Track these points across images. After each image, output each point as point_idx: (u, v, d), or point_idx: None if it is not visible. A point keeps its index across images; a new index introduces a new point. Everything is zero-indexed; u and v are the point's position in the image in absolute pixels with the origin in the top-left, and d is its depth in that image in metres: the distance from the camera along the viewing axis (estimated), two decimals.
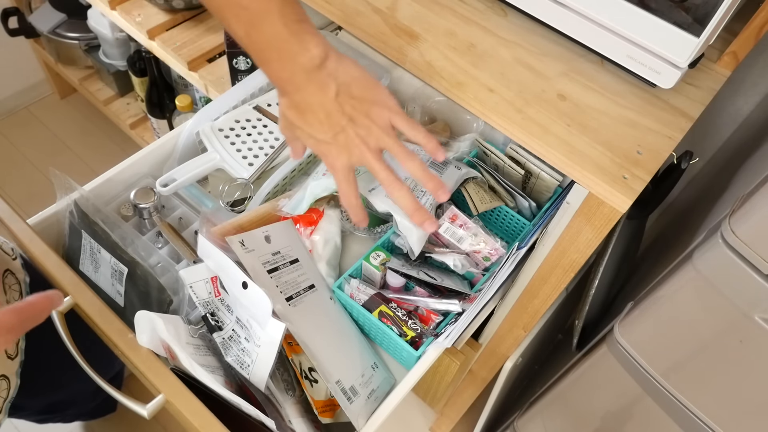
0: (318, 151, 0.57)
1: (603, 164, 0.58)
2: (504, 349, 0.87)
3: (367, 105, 0.54)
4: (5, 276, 0.70)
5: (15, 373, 0.71)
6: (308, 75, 0.52)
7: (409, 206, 0.56)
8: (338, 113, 0.54)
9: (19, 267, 0.74)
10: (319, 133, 0.55)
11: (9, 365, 0.69)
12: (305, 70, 0.52)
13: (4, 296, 0.69)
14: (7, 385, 0.69)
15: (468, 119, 0.87)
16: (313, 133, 0.55)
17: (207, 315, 0.64)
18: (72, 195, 0.70)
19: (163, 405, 0.57)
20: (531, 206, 0.78)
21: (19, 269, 0.74)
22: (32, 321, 0.47)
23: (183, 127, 0.81)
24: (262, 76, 0.86)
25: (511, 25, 0.71)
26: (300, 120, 0.55)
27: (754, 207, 0.46)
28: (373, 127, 0.54)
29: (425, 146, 0.57)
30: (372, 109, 0.54)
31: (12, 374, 0.70)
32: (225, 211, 0.76)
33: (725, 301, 0.50)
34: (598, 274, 0.72)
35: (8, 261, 0.73)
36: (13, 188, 1.64)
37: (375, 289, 0.71)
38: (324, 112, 0.54)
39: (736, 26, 0.65)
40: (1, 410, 0.68)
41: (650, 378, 0.61)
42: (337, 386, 0.63)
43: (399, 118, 0.55)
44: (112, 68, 1.53)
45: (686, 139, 0.62)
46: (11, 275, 0.72)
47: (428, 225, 0.57)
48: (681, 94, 0.66)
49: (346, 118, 0.54)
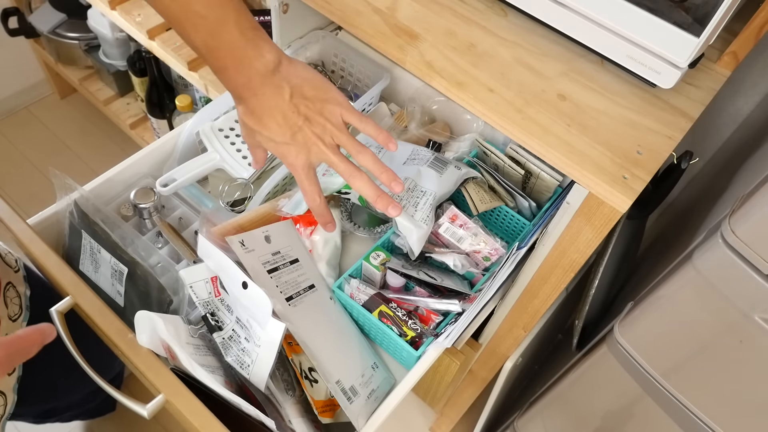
0: (278, 153, 0.58)
1: (603, 164, 0.58)
2: (504, 349, 0.87)
3: (320, 104, 0.57)
4: (7, 289, 0.70)
5: (12, 388, 0.70)
6: (263, 79, 0.55)
7: (371, 194, 0.58)
8: (294, 114, 0.56)
9: (20, 279, 0.74)
10: (277, 135, 0.57)
11: (6, 381, 0.69)
12: (260, 75, 0.55)
13: (6, 309, 0.68)
14: (4, 401, 0.68)
15: (468, 119, 0.87)
16: (272, 136, 0.57)
17: (207, 315, 0.64)
18: (72, 195, 0.70)
19: (163, 405, 0.57)
20: (531, 206, 0.78)
21: (20, 282, 0.74)
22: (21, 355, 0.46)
23: (183, 127, 0.81)
24: None
25: (511, 25, 0.71)
26: (258, 125, 0.57)
27: (754, 207, 0.46)
28: (327, 125, 0.57)
29: (376, 138, 0.59)
30: (325, 108, 0.57)
31: (9, 390, 0.69)
32: (225, 211, 0.76)
33: (725, 301, 0.50)
34: (598, 274, 0.72)
35: (11, 273, 0.72)
36: (13, 188, 1.64)
37: (375, 289, 0.71)
38: (281, 114, 0.56)
39: (736, 26, 0.65)
40: None
41: (650, 378, 0.61)
42: (337, 386, 0.63)
43: (349, 114, 0.58)
44: (112, 68, 1.53)
45: (686, 139, 0.62)
46: (12, 288, 0.71)
47: (392, 209, 0.59)
48: (681, 94, 0.66)
49: (302, 118, 0.56)
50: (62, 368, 0.61)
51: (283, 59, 0.56)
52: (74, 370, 0.63)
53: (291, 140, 0.57)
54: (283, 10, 0.83)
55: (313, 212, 0.61)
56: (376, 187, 0.58)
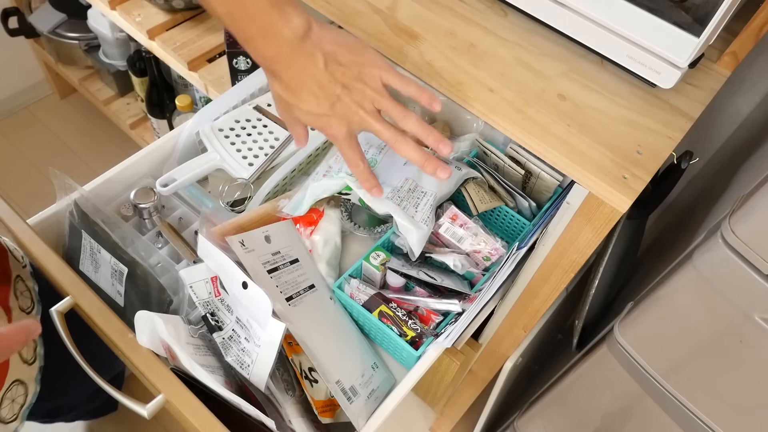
0: (318, 125, 0.56)
1: (603, 164, 0.58)
2: (504, 349, 0.87)
3: (357, 69, 0.54)
4: (16, 281, 0.70)
5: (34, 379, 0.70)
6: (294, 48, 0.52)
7: (419, 158, 0.57)
8: (331, 83, 0.53)
9: (28, 275, 0.74)
10: (315, 107, 0.55)
11: (27, 371, 0.69)
12: (290, 43, 0.52)
13: (17, 301, 0.68)
14: (25, 390, 0.68)
15: (468, 119, 0.87)
16: (311, 109, 0.55)
17: (207, 315, 0.64)
18: (72, 195, 0.70)
19: (163, 405, 0.57)
20: (531, 206, 0.78)
21: (28, 277, 0.74)
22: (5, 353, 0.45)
23: (183, 127, 0.81)
24: (262, 76, 0.86)
25: (511, 25, 0.71)
26: (295, 98, 0.55)
27: (754, 207, 0.46)
28: (367, 90, 0.55)
29: (419, 98, 0.57)
30: (363, 72, 0.55)
31: (30, 380, 0.69)
32: (225, 211, 0.76)
33: (725, 301, 0.50)
34: (598, 274, 0.72)
35: (19, 267, 0.72)
36: (13, 188, 1.64)
37: (375, 289, 0.71)
38: (317, 85, 0.53)
39: (736, 26, 0.65)
40: (18, 416, 0.67)
41: (650, 378, 0.61)
42: (337, 386, 0.63)
43: (390, 75, 0.56)
44: (112, 68, 1.53)
45: (686, 139, 0.62)
46: (21, 282, 0.71)
47: (441, 172, 0.57)
48: (681, 94, 0.66)
49: (340, 86, 0.54)
50: (72, 365, 0.61)
51: (313, 24, 0.53)
52: (81, 367, 0.63)
53: (330, 111, 0.55)
54: None
55: (358, 178, 0.59)
56: (423, 151, 0.56)
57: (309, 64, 0.53)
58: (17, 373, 0.67)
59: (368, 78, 0.55)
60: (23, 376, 0.68)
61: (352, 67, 0.54)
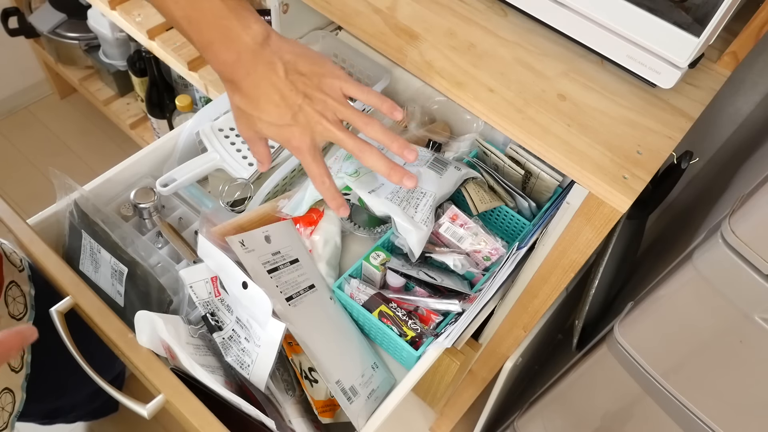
0: (281, 137, 0.55)
1: (603, 164, 0.58)
2: (504, 349, 0.87)
3: (317, 79, 0.54)
4: (9, 288, 0.69)
5: (20, 386, 0.70)
6: (253, 55, 0.51)
7: (384, 168, 0.55)
8: (292, 92, 0.52)
9: (25, 279, 0.73)
10: (277, 118, 0.53)
11: (14, 379, 0.68)
12: (249, 49, 0.51)
13: (6, 308, 0.68)
14: (12, 398, 0.68)
15: (468, 119, 0.87)
16: (273, 120, 0.54)
17: (207, 315, 0.64)
18: (72, 195, 0.70)
19: (163, 405, 0.57)
20: (531, 206, 0.78)
21: (25, 281, 0.73)
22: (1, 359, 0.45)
23: (183, 127, 0.81)
24: None
25: (511, 25, 0.71)
26: (256, 109, 0.54)
27: (754, 207, 0.46)
28: (329, 100, 0.54)
29: (380, 107, 0.56)
30: (323, 82, 0.54)
31: (17, 388, 0.69)
32: (225, 211, 0.76)
33: (725, 301, 0.50)
34: (598, 274, 0.72)
35: (15, 272, 0.72)
36: (13, 188, 1.64)
37: (375, 289, 0.71)
38: (278, 94, 0.52)
39: (736, 26, 0.65)
40: (7, 425, 0.67)
41: (650, 378, 0.61)
42: (337, 386, 0.63)
43: (350, 86, 0.55)
44: (112, 68, 1.53)
45: (686, 139, 0.62)
46: (16, 287, 0.71)
47: (407, 181, 0.55)
48: (681, 94, 0.66)
49: (301, 95, 0.53)
50: (72, 365, 0.61)
51: (272, 33, 0.53)
52: (81, 367, 0.63)
53: (293, 121, 0.53)
54: (283, 10, 0.83)
55: (324, 196, 0.57)
56: (389, 160, 0.55)
57: (269, 72, 0.52)
58: (5, 381, 0.67)
59: (329, 88, 0.54)
60: (11, 384, 0.68)
61: (312, 77, 0.53)
